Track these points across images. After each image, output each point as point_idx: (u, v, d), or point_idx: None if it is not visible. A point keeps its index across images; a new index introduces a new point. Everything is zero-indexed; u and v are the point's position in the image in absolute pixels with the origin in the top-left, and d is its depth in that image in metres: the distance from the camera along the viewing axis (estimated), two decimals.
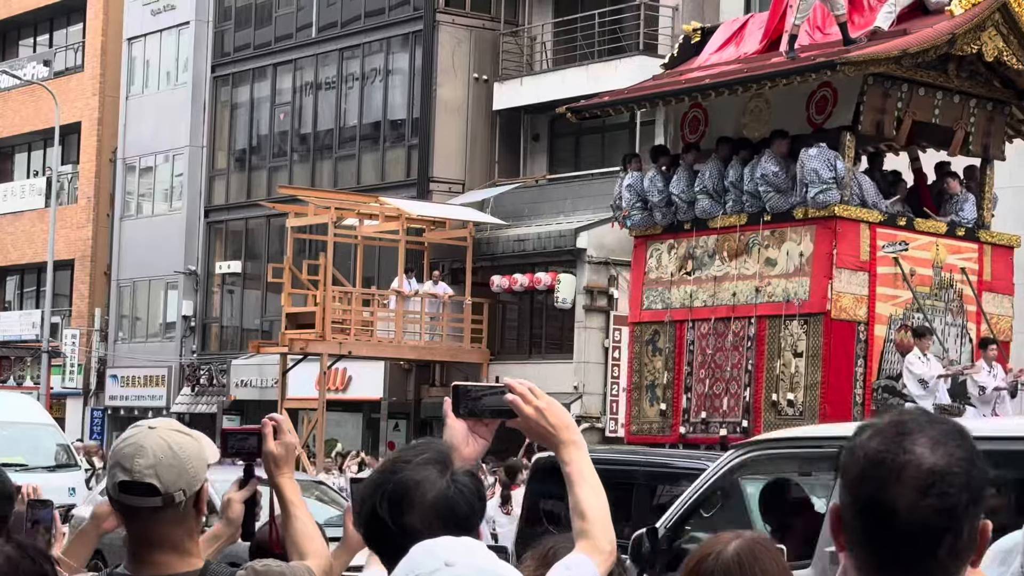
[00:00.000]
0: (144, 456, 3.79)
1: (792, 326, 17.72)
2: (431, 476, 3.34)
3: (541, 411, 3.55)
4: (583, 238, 33.87)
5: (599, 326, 34.09)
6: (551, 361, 34.64)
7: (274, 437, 4.34)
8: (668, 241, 19.22)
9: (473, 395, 3.54)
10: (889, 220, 17.85)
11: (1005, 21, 17.69)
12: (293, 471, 4.38)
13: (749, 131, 18.87)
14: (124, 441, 3.84)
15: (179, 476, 3.81)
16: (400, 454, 3.41)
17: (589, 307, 34.00)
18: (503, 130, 38.51)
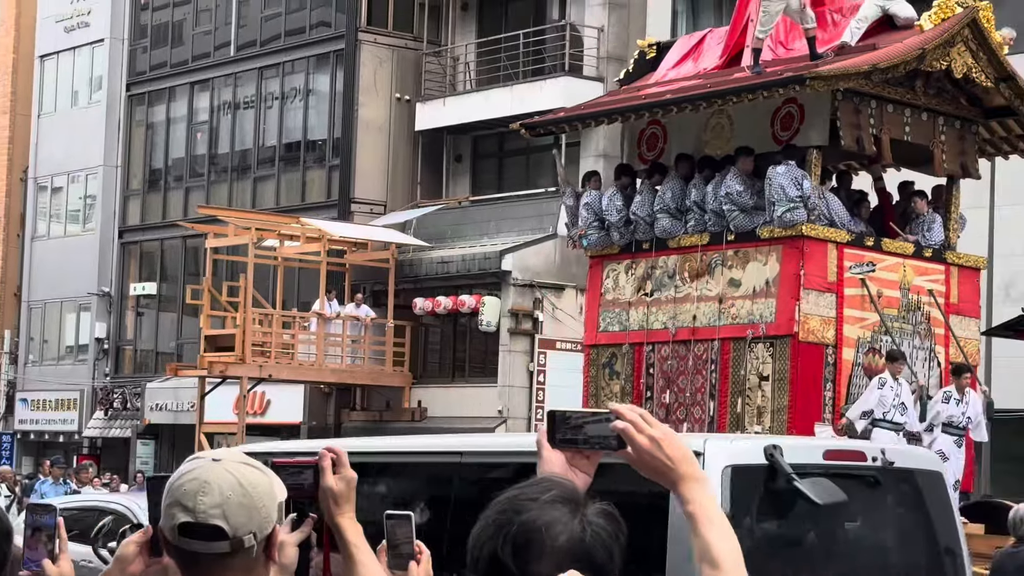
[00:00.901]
0: (209, 493, 3.25)
1: (758, 349, 17.21)
2: (561, 517, 2.96)
3: (656, 441, 3.12)
4: (508, 260, 33.43)
5: (524, 350, 33.62)
6: (475, 385, 34.15)
7: (332, 471, 3.73)
8: (625, 261, 18.67)
9: (573, 422, 3.14)
10: (856, 240, 17.40)
11: (974, 37, 17.32)
12: (354, 510, 3.77)
13: (711, 148, 18.38)
14: (184, 475, 3.29)
15: (250, 517, 3.28)
16: (521, 491, 2.99)
17: (514, 330, 33.52)
18: (425, 151, 38.01)
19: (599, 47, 35.46)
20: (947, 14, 17.19)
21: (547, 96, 34.69)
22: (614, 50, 35.46)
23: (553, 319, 33.82)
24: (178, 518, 3.24)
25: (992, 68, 17.56)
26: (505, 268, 33.32)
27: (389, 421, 35.29)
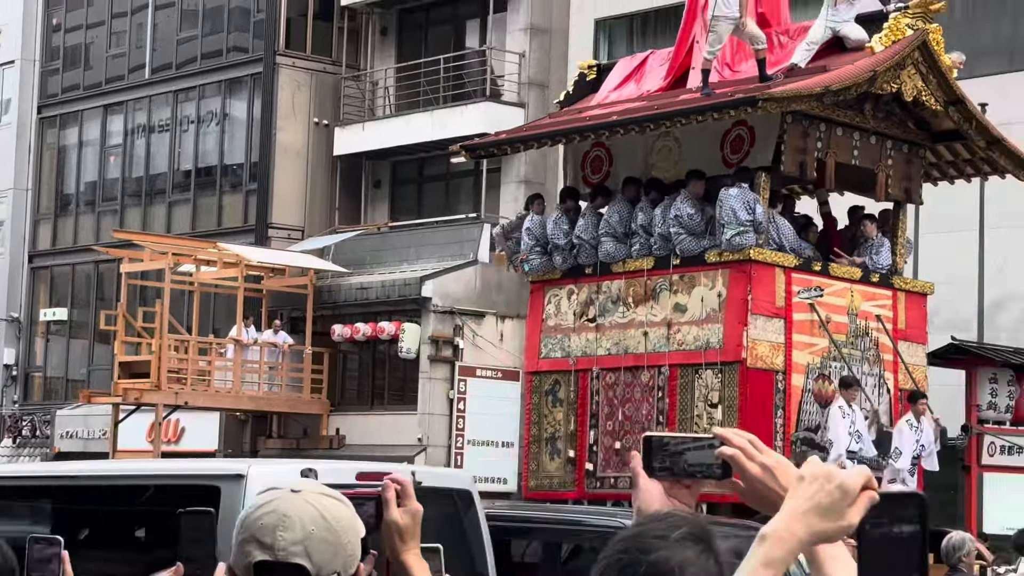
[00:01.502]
0: (290, 528, 2.92)
1: (706, 375, 16.90)
2: (694, 557, 2.68)
3: (769, 469, 2.80)
4: (428, 287, 32.99)
5: (444, 377, 33.18)
6: (394, 412, 33.65)
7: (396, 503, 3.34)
8: (568, 286, 18.32)
9: (671, 449, 2.87)
10: (804, 265, 17.16)
11: (924, 59, 17.15)
12: (419, 545, 3.38)
13: (658, 171, 18.09)
14: (260, 508, 2.94)
15: (335, 554, 2.96)
16: (646, 527, 2.69)
17: (434, 357, 33.07)
18: (344, 176, 37.53)
19: (520, 72, 35.17)
20: (898, 36, 17.02)
21: (468, 121, 34.36)
22: (535, 75, 35.20)
23: (473, 346, 33.42)
24: (254, 556, 2.89)
25: (942, 91, 17.41)
26: (425, 294, 32.87)
27: (306, 449, 34.69)
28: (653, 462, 2.85)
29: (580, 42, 33.92)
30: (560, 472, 18.01)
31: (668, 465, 2.84)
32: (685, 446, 2.85)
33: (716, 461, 2.81)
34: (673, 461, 2.84)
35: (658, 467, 2.85)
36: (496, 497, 31.74)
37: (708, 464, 2.82)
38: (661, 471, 2.84)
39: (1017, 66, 26.92)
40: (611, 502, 17.09)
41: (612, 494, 17.46)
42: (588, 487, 17.73)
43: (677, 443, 2.86)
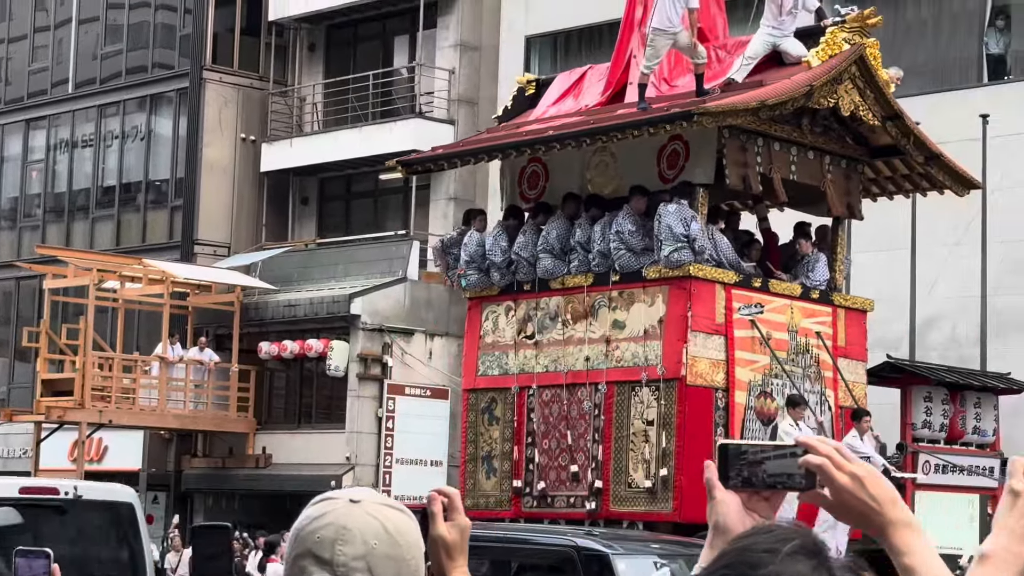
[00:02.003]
0: (351, 542, 2.68)
1: (643, 393, 16.72)
2: (806, 572, 2.44)
3: (859, 479, 2.59)
4: (357, 304, 32.73)
5: (373, 395, 32.92)
6: (321, 431, 33.36)
7: (443, 517, 3.09)
8: (506, 303, 18.10)
9: (750, 458, 2.67)
10: (744, 281, 17.02)
11: (861, 74, 17.07)
12: (467, 562, 3.13)
13: (594, 187, 17.92)
14: (315, 520, 2.69)
15: (398, 572, 2.71)
16: (754, 539, 2.45)
17: (362, 375, 32.81)
18: (271, 192, 37.22)
19: (450, 89, 34.98)
20: (835, 51, 16.93)
21: (397, 138, 34.15)
22: (465, 92, 35.02)
23: (402, 364, 33.18)
24: (311, 573, 2.63)
25: (879, 106, 17.34)
26: (354, 312, 32.61)
27: (232, 468, 34.33)
28: (729, 472, 2.65)
29: (510, 59, 33.77)
30: (496, 491, 17.78)
31: (746, 475, 2.65)
32: (765, 455, 2.66)
33: (799, 471, 2.61)
34: (751, 471, 2.65)
35: (734, 478, 2.66)
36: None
37: (790, 474, 2.63)
38: (741, 482, 2.66)
39: (945, 86, 27.02)
40: (548, 521, 16.88)
41: (548, 513, 17.25)
42: (524, 506, 17.51)
43: (756, 452, 2.66)
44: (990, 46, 27.31)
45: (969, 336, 26.21)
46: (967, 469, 19.93)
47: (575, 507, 17.10)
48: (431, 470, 32.43)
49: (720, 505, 2.64)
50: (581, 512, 16.94)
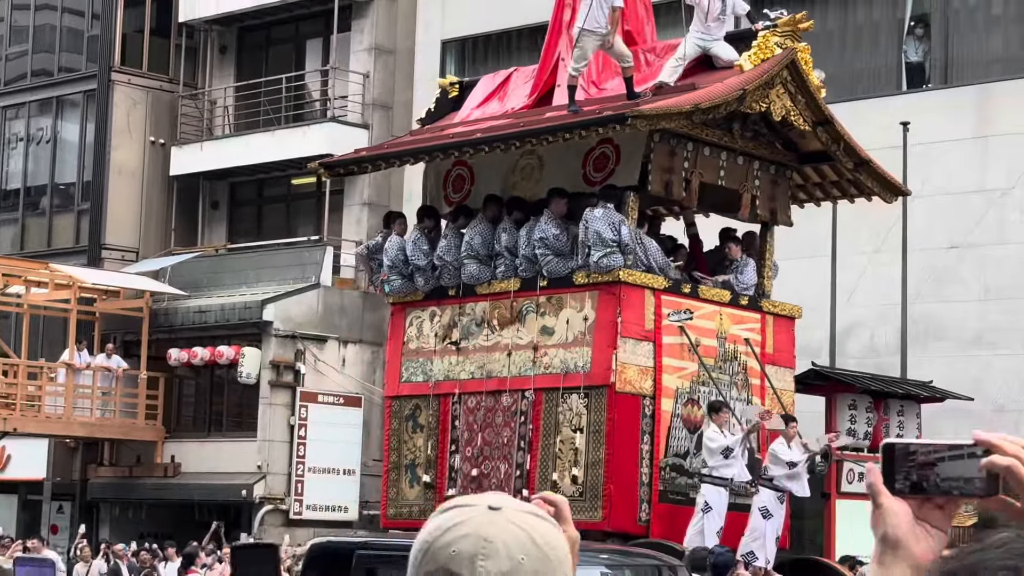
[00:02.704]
0: (495, 557, 2.24)
1: (571, 400, 16.44)
2: None
3: None
4: (269, 310, 32.24)
5: (285, 402, 32.44)
6: (232, 439, 32.82)
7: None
8: (430, 308, 17.77)
9: (920, 459, 2.30)
10: (674, 287, 16.79)
11: (793, 79, 16.92)
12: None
13: (520, 190, 17.64)
14: (450, 531, 2.26)
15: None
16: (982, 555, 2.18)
17: (275, 383, 32.32)
18: (180, 196, 36.61)
19: (364, 93, 34.58)
20: (766, 55, 16.76)
21: (310, 142, 33.72)
22: (380, 97, 34.65)
23: (315, 371, 32.73)
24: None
25: (810, 111, 17.19)
26: (266, 318, 32.12)
27: (140, 477, 33.70)
28: (895, 476, 2.31)
29: (426, 63, 33.43)
30: (420, 500, 17.43)
31: (915, 479, 2.30)
32: (938, 455, 2.30)
33: (979, 474, 2.26)
34: (921, 474, 2.30)
35: (902, 482, 2.31)
36: (337, 526, 31.09)
37: (968, 478, 2.28)
38: (911, 487, 2.32)
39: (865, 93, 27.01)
40: None
41: None
42: None
43: (927, 452, 2.31)
44: (909, 54, 27.32)
45: (888, 344, 26.18)
46: None
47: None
48: (344, 479, 32.04)
49: (888, 515, 2.29)
50: None
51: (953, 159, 26.09)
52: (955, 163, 26.04)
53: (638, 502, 16.13)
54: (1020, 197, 25.75)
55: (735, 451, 15.92)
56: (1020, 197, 25.75)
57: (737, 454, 15.99)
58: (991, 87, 26.40)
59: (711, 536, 15.79)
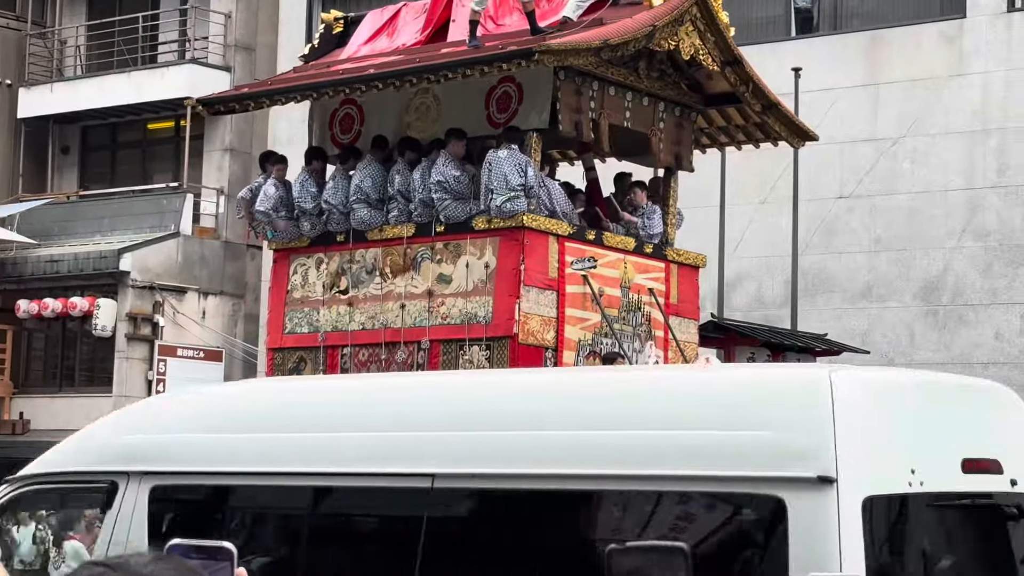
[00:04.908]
0: None
1: (472, 351, 15.52)
2: None
3: None
4: (126, 260, 31.00)
5: (142, 356, 31.24)
6: (86, 395, 31.51)
7: None
8: (316, 255, 16.72)
9: None
10: (578, 233, 15.90)
11: (703, 16, 16.09)
12: None
13: (415, 130, 16.63)
14: None
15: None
16: None
17: (132, 336, 31.09)
18: (28, 140, 35.09)
19: (226, 34, 33.26)
20: None
21: (169, 85, 32.43)
22: (242, 38, 33.36)
23: (174, 324, 31.52)
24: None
25: (719, 51, 16.39)
26: (123, 268, 30.87)
27: None
28: None
29: (292, 3, 32.18)
30: None
31: None
32: None
33: None
34: None
35: None
36: None
37: None
38: None
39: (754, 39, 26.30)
40: None
41: None
42: None
43: None
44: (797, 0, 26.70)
45: (775, 296, 25.63)
46: None
47: None
48: None
49: None
50: None
51: (842, 107, 25.53)
52: (845, 111, 25.48)
53: None
54: (911, 146, 25.27)
55: None
56: (911, 146, 25.27)
57: None
58: (881, 33, 25.87)
59: None
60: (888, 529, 6.07)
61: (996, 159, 24.86)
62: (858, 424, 5.93)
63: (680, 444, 6.29)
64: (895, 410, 6.23)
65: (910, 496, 6.08)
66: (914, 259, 25.12)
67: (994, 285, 24.64)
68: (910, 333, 25.09)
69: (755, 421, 6.10)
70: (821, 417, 5.88)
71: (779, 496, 5.86)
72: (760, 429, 6.06)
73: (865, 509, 5.83)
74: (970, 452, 6.35)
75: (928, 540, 6.38)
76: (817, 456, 5.82)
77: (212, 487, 8.28)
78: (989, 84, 24.97)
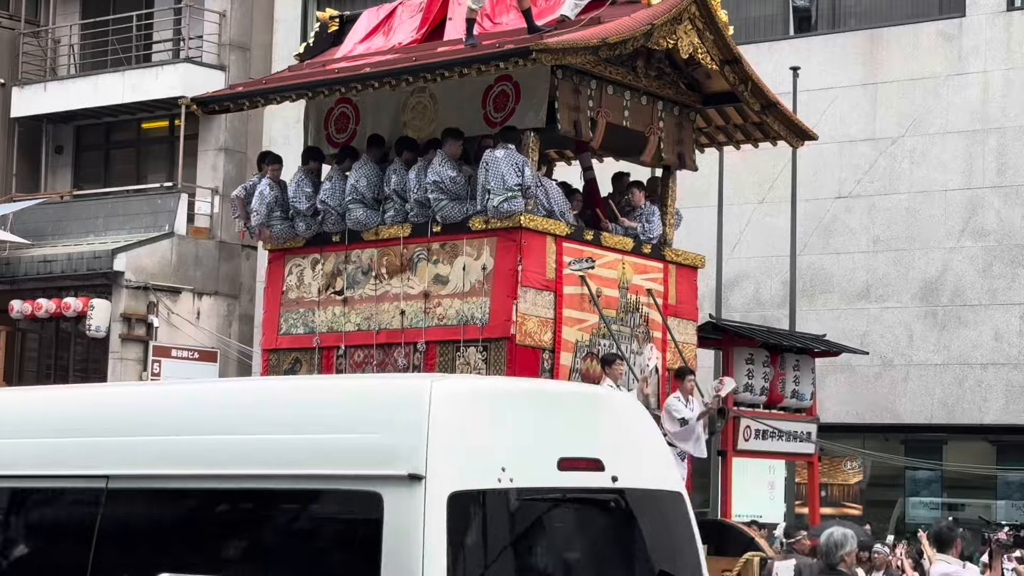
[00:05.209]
0: None
1: (469, 353, 15.37)
2: None
3: None
4: (120, 260, 30.82)
5: (136, 357, 31.08)
6: None
7: None
8: (312, 255, 16.57)
9: None
10: (576, 234, 15.74)
11: (701, 15, 15.94)
12: None
13: (411, 130, 16.48)
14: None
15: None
16: None
17: (126, 336, 30.92)
18: (22, 140, 34.92)
19: (220, 33, 33.10)
20: None
21: (163, 84, 32.29)
22: (237, 37, 33.20)
23: (169, 324, 31.35)
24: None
25: (718, 49, 16.25)
26: (117, 268, 30.70)
27: None
28: None
29: (287, 2, 32.02)
30: None
31: None
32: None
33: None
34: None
35: None
36: None
37: None
38: None
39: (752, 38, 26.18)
40: None
41: None
42: None
43: None
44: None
45: (773, 297, 25.49)
46: (787, 434, 19.07)
47: None
48: None
49: None
50: None
51: (841, 107, 25.39)
52: (843, 111, 25.34)
53: None
54: (910, 146, 25.13)
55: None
56: (910, 146, 25.13)
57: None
58: (880, 32, 25.72)
59: None
60: (475, 521, 6.59)
61: (995, 159, 24.73)
62: (450, 427, 6.52)
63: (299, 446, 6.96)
64: (489, 415, 6.79)
65: (499, 491, 6.61)
66: (913, 259, 24.98)
67: (993, 285, 24.50)
68: (909, 334, 24.94)
69: (365, 425, 6.72)
70: (418, 421, 6.49)
71: (378, 492, 6.46)
72: (369, 432, 6.69)
73: (451, 503, 6.39)
74: (568, 452, 6.90)
75: (521, 531, 6.92)
76: (411, 456, 6.42)
77: None
78: (989, 83, 24.84)
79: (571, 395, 7.73)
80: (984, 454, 25.74)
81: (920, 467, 25.95)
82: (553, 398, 7.41)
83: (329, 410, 7.04)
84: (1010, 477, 25.46)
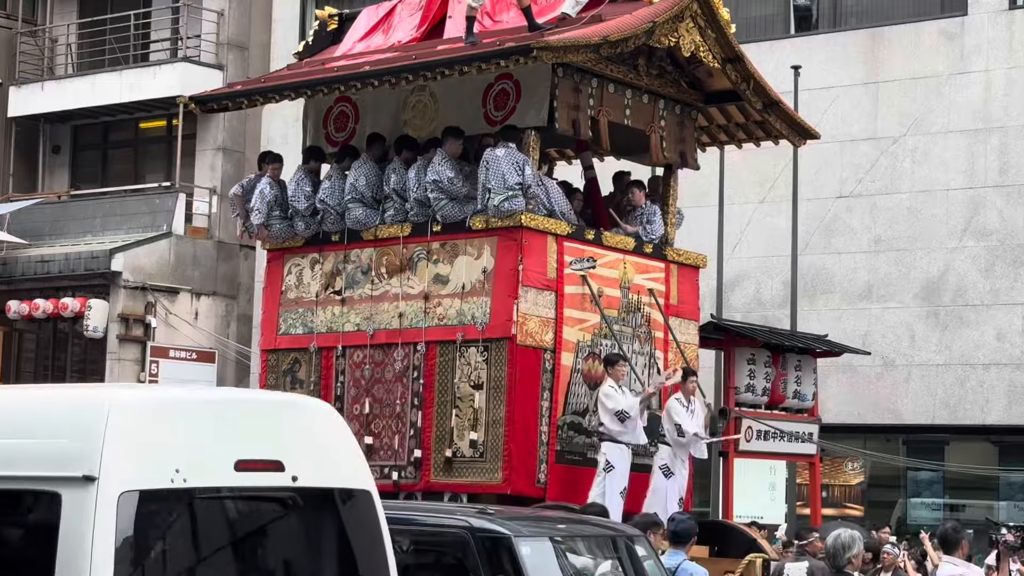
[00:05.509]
0: None
1: (470, 353, 15.25)
2: None
3: None
4: (118, 260, 30.70)
5: (134, 358, 30.96)
6: None
7: None
8: (311, 255, 16.46)
9: None
10: (577, 233, 15.63)
11: (703, 12, 15.83)
12: None
13: (412, 128, 16.37)
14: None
15: None
16: None
17: (123, 336, 30.80)
18: (19, 140, 34.78)
19: (219, 33, 32.98)
20: None
21: (161, 83, 32.15)
22: (235, 36, 33.08)
23: (167, 325, 31.24)
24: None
25: (720, 47, 16.14)
26: (115, 268, 30.58)
27: None
28: None
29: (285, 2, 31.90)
30: None
31: None
32: None
33: None
34: None
35: None
36: None
37: None
38: None
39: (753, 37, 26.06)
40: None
41: None
42: None
43: None
44: None
45: (774, 297, 25.37)
46: (789, 435, 18.94)
47: (387, 478, 15.58)
48: None
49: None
50: (408, 484, 15.45)
51: (842, 106, 25.28)
52: (845, 110, 25.23)
53: (537, 463, 15.00)
54: (912, 145, 25.02)
55: (631, 416, 14.88)
56: (912, 145, 25.02)
57: (634, 417, 14.93)
58: (881, 31, 25.61)
59: (614, 497, 14.75)
60: (147, 520, 7.02)
61: (998, 158, 24.62)
62: (126, 432, 6.95)
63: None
64: (169, 422, 7.19)
65: (171, 491, 7.04)
66: (915, 259, 24.87)
67: (996, 285, 24.39)
68: (911, 334, 24.83)
69: (53, 430, 7.11)
70: (96, 427, 6.94)
71: (59, 493, 6.91)
72: (56, 438, 7.09)
73: (122, 502, 6.83)
74: (247, 455, 7.26)
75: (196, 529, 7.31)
76: (87, 458, 6.87)
77: None
78: (991, 82, 24.74)
79: (255, 402, 8.05)
80: (986, 455, 25.65)
81: (922, 468, 25.85)
82: (235, 405, 7.73)
83: (23, 417, 7.41)
84: (1012, 478, 25.37)
